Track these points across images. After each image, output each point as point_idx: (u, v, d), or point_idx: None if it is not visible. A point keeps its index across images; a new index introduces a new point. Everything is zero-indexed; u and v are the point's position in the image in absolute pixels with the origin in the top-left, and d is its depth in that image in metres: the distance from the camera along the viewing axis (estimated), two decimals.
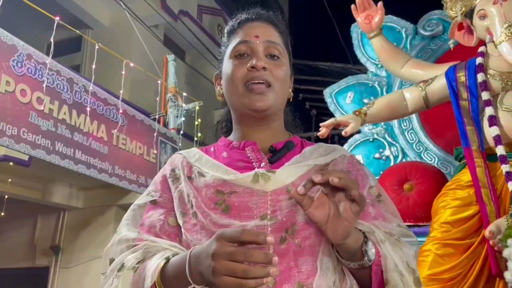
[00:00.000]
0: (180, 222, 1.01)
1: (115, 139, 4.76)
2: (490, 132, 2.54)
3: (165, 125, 6.24)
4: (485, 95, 2.62)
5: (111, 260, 0.99)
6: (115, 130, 4.70)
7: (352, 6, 3.28)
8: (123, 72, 5.05)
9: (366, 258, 0.87)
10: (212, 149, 1.12)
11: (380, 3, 3.21)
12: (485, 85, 2.65)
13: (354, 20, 3.48)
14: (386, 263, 0.88)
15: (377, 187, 1.06)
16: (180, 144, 5.97)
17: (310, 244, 0.92)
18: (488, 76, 2.70)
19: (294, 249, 0.92)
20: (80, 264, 6.75)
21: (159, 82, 6.12)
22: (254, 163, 1.03)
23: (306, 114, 9.40)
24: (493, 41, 2.66)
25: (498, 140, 2.49)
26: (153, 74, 6.56)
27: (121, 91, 4.88)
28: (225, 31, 1.17)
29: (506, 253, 2.12)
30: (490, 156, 2.53)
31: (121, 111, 4.79)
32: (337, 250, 0.89)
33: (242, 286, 0.74)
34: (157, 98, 6.25)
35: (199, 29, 9.41)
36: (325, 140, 2.79)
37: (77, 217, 7.00)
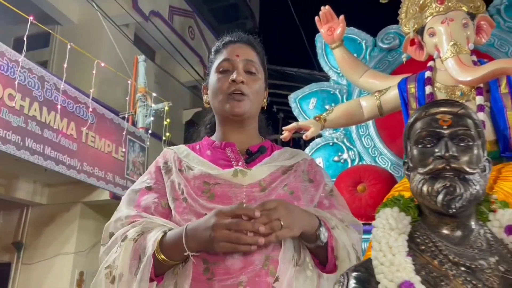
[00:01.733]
0: (172, 206, 1.22)
1: (84, 136, 4.82)
2: None
3: (134, 124, 6.30)
4: None
5: (111, 234, 1.19)
6: (85, 128, 4.76)
7: (316, 18, 3.49)
8: (94, 72, 5.13)
9: (319, 240, 1.12)
10: (197, 146, 1.36)
11: (341, 17, 3.42)
12: (432, 97, 2.91)
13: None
14: (337, 244, 1.14)
15: (331, 185, 1.35)
16: (148, 143, 6.06)
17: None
18: (435, 88, 2.96)
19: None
20: (43, 260, 6.72)
21: (129, 82, 6.21)
22: (233, 162, 1.26)
23: (274, 117, 9.64)
24: (440, 57, 2.93)
25: None
26: (122, 73, 6.60)
27: (91, 90, 4.95)
28: (212, 50, 1.43)
29: None
30: None
31: (91, 109, 4.86)
32: (301, 237, 1.13)
33: (236, 249, 1.02)
34: (127, 98, 6.33)
35: (170, 30, 9.49)
36: (288, 143, 3.00)
37: (40, 213, 6.96)
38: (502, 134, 2.71)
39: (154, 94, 6.63)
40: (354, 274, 0.88)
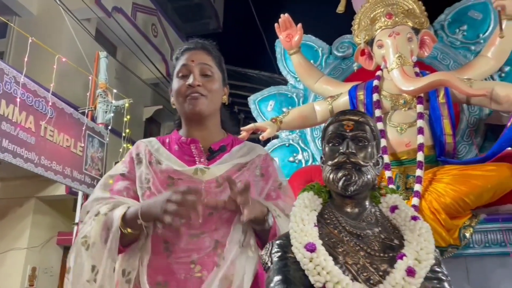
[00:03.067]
0: (139, 193, 1.42)
1: (42, 130, 4.80)
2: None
3: (93, 119, 6.28)
4: (377, 112, 3.13)
5: (87, 212, 1.38)
6: (44, 122, 4.74)
7: (276, 24, 3.67)
8: (55, 67, 5.11)
9: (267, 223, 1.34)
10: (167, 140, 1.53)
11: (299, 25, 3.62)
12: (378, 104, 3.17)
13: None
14: (280, 229, 1.33)
15: (281, 178, 1.54)
16: (107, 139, 6.06)
17: (228, 217, 1.36)
18: (382, 96, 3.22)
19: (216, 219, 1.35)
20: None
21: (90, 78, 6.19)
22: (196, 159, 1.44)
23: (235, 118, 9.80)
24: (387, 68, 3.18)
25: (384, 150, 2.99)
26: (83, 68, 6.56)
27: (51, 84, 4.94)
28: (174, 57, 1.57)
29: None
30: None
31: (50, 103, 4.84)
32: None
33: (178, 216, 1.23)
34: (88, 93, 6.31)
35: (132, 27, 9.44)
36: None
37: None
38: (439, 140, 2.99)
39: (114, 91, 6.63)
40: (277, 241, 1.14)
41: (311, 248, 1.03)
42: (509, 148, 2.91)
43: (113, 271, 1.31)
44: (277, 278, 1.04)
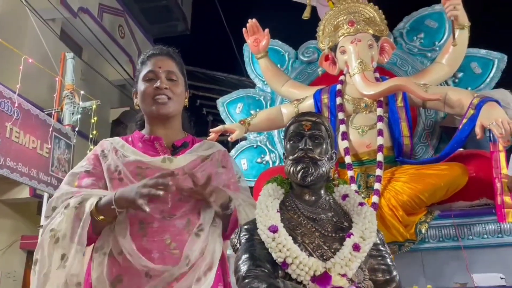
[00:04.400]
0: (109, 185, 1.49)
1: (8, 131, 4.72)
2: (342, 145, 3.19)
3: (59, 121, 6.20)
4: (340, 115, 3.29)
5: (54, 208, 1.44)
6: (9, 123, 4.67)
7: (244, 29, 3.76)
8: (21, 67, 5.05)
9: (230, 209, 1.48)
10: (130, 139, 1.62)
11: (266, 30, 3.71)
12: (341, 107, 3.32)
13: None
14: (241, 216, 1.48)
15: (238, 172, 1.70)
16: (74, 141, 6.01)
17: (196, 200, 1.46)
18: (344, 100, 3.37)
19: (186, 203, 1.46)
20: None
21: (56, 79, 6.12)
22: (160, 153, 1.55)
23: (203, 120, 9.82)
24: (349, 73, 3.34)
25: (347, 151, 3.15)
26: (48, 69, 6.46)
27: (18, 86, 4.88)
28: (139, 61, 1.68)
29: None
30: (341, 164, 3.19)
31: (16, 104, 4.77)
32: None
33: (152, 200, 1.32)
34: (54, 95, 6.24)
35: (98, 27, 9.33)
36: None
37: None
38: (397, 141, 3.18)
39: (82, 92, 6.57)
40: (245, 226, 1.32)
41: (274, 229, 1.21)
42: (461, 149, 3.12)
43: (82, 255, 1.38)
44: (245, 256, 1.21)
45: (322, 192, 1.34)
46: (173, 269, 1.34)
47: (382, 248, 1.26)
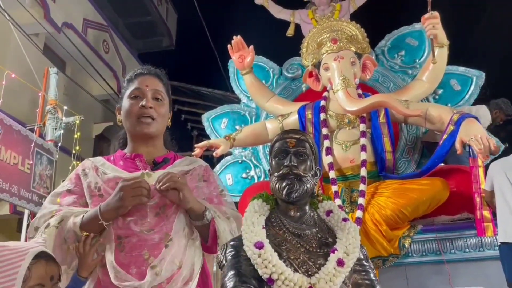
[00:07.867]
0: (89, 202, 1.50)
1: None
2: (326, 160, 3.23)
3: (42, 136, 6.13)
4: (324, 131, 3.33)
5: (36, 228, 1.45)
6: None
7: (229, 46, 3.81)
8: (3, 82, 5.00)
9: (205, 219, 1.46)
10: (112, 158, 1.62)
11: (251, 46, 3.77)
12: (325, 123, 3.37)
13: None
14: (219, 228, 1.47)
15: (221, 185, 1.68)
16: (56, 156, 5.93)
17: (172, 213, 1.47)
18: (328, 116, 3.42)
19: (163, 218, 1.46)
20: None
21: (39, 94, 6.07)
22: (141, 169, 1.55)
23: (188, 134, 9.80)
24: (333, 89, 3.40)
25: (331, 166, 3.19)
26: (31, 84, 6.40)
27: (0, 101, 4.82)
28: (126, 79, 1.68)
29: None
30: (325, 179, 3.22)
31: None
32: (190, 215, 1.47)
33: (139, 200, 1.38)
34: (37, 110, 6.17)
35: (83, 42, 9.30)
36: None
37: None
38: (380, 156, 3.23)
39: (65, 107, 6.51)
40: (231, 243, 1.31)
41: (259, 245, 1.22)
42: (442, 164, 3.18)
43: (66, 273, 1.41)
44: (231, 272, 1.21)
45: (307, 208, 1.35)
46: (142, 284, 1.35)
47: (366, 263, 1.27)
